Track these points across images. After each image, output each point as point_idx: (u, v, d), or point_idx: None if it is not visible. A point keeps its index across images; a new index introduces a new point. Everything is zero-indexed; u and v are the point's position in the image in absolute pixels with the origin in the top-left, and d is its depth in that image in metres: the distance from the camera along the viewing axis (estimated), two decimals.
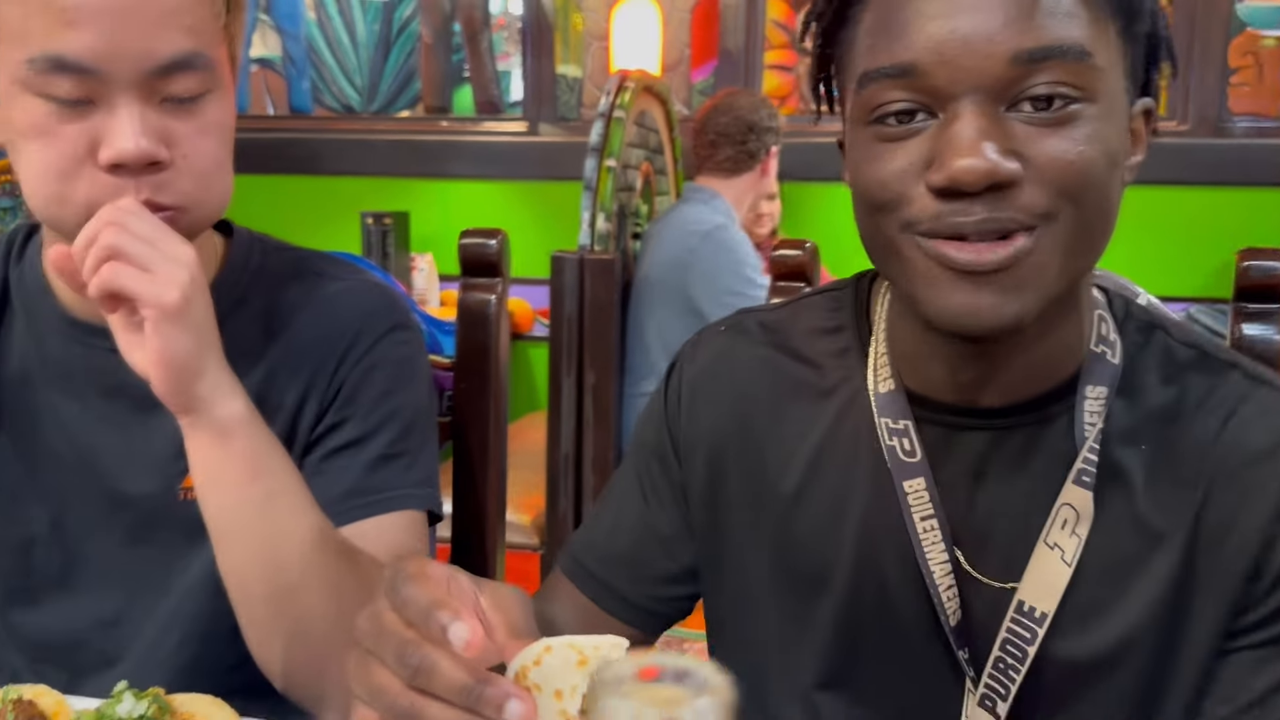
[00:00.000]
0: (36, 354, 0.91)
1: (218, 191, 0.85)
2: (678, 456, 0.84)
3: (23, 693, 0.72)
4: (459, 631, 0.49)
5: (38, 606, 0.92)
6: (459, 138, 3.58)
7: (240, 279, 0.93)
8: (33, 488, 0.91)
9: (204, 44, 0.81)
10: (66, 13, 0.75)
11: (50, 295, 0.91)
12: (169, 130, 0.80)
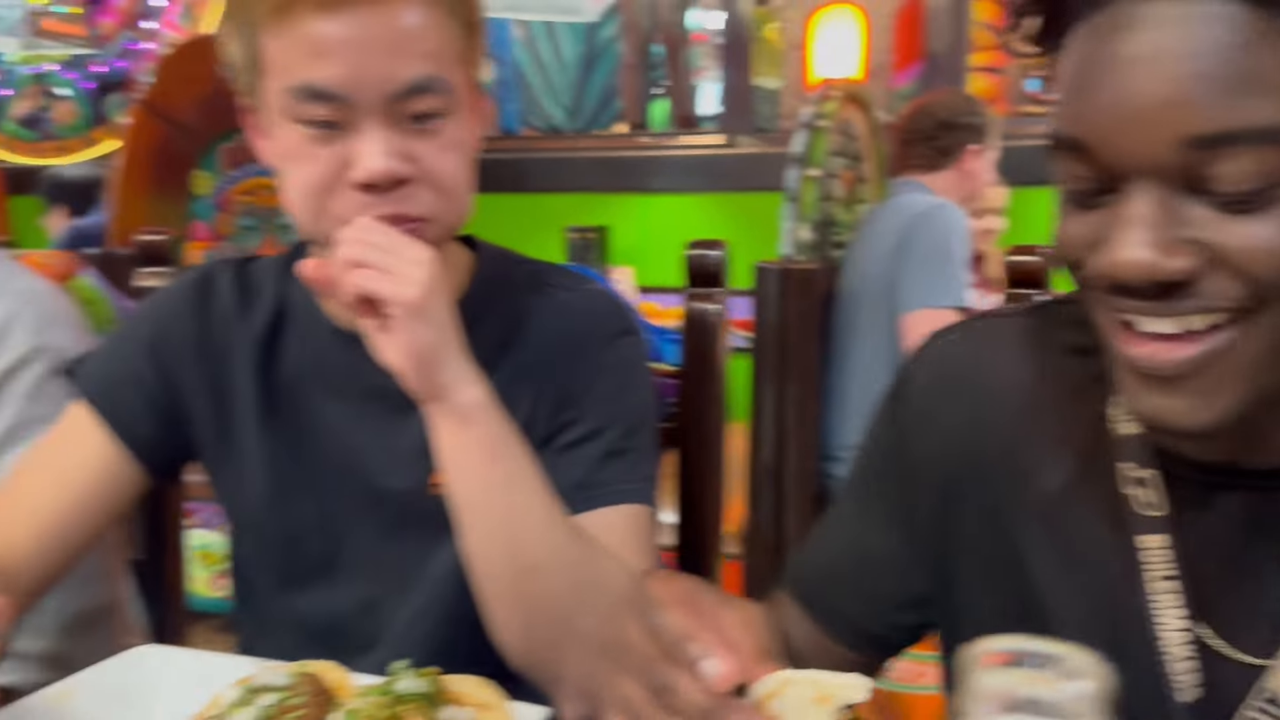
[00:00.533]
0: (308, 359, 0.99)
1: (459, 204, 0.91)
2: (907, 474, 0.79)
3: (309, 667, 0.79)
4: (711, 668, 0.50)
5: (305, 592, 1.00)
6: (658, 153, 3.65)
7: (485, 291, 0.99)
8: (303, 483, 0.98)
9: (442, 68, 0.86)
10: (316, 45, 0.83)
11: (318, 307, 0.99)
12: (411, 149, 0.86)
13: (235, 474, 1.00)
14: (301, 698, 0.75)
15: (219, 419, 1.00)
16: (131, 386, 0.99)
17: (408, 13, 0.85)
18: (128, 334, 1.02)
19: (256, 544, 1.02)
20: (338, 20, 0.83)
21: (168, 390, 0.99)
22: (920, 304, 2.33)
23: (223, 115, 3.18)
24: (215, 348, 1.00)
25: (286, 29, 0.84)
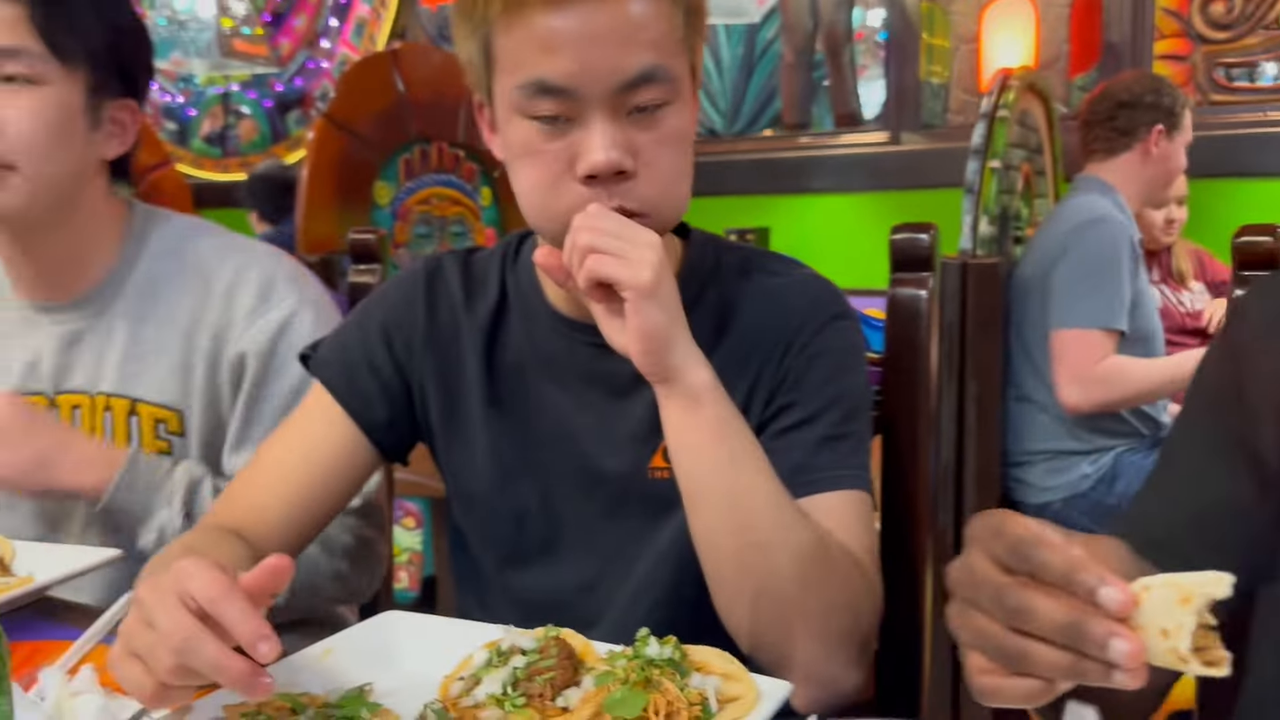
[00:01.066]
0: (529, 346, 1.02)
1: (678, 196, 0.92)
2: (1248, 409, 0.76)
3: (555, 632, 0.81)
4: (1110, 595, 0.49)
5: (528, 570, 1.03)
6: (819, 152, 3.62)
7: (697, 277, 1.00)
8: (526, 465, 1.02)
9: (664, 57, 0.87)
10: (546, 40, 0.85)
11: (540, 294, 1.02)
12: (633, 141, 0.87)
13: (462, 456, 1.04)
14: (550, 660, 0.77)
15: (447, 404, 1.04)
16: (366, 372, 1.04)
17: (634, 3, 0.86)
18: (362, 321, 1.07)
19: (482, 523, 1.06)
20: (566, 14, 0.84)
21: (400, 376, 1.04)
22: (1072, 322, 2.27)
23: (400, 128, 3.32)
24: (444, 335, 1.04)
25: (517, 26, 0.86)
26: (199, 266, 1.25)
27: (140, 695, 0.70)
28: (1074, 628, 0.49)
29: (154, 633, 0.69)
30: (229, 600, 0.68)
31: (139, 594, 0.72)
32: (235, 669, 0.66)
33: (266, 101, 4.57)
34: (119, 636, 0.72)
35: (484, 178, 3.41)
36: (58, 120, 1.16)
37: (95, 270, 1.24)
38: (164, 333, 1.23)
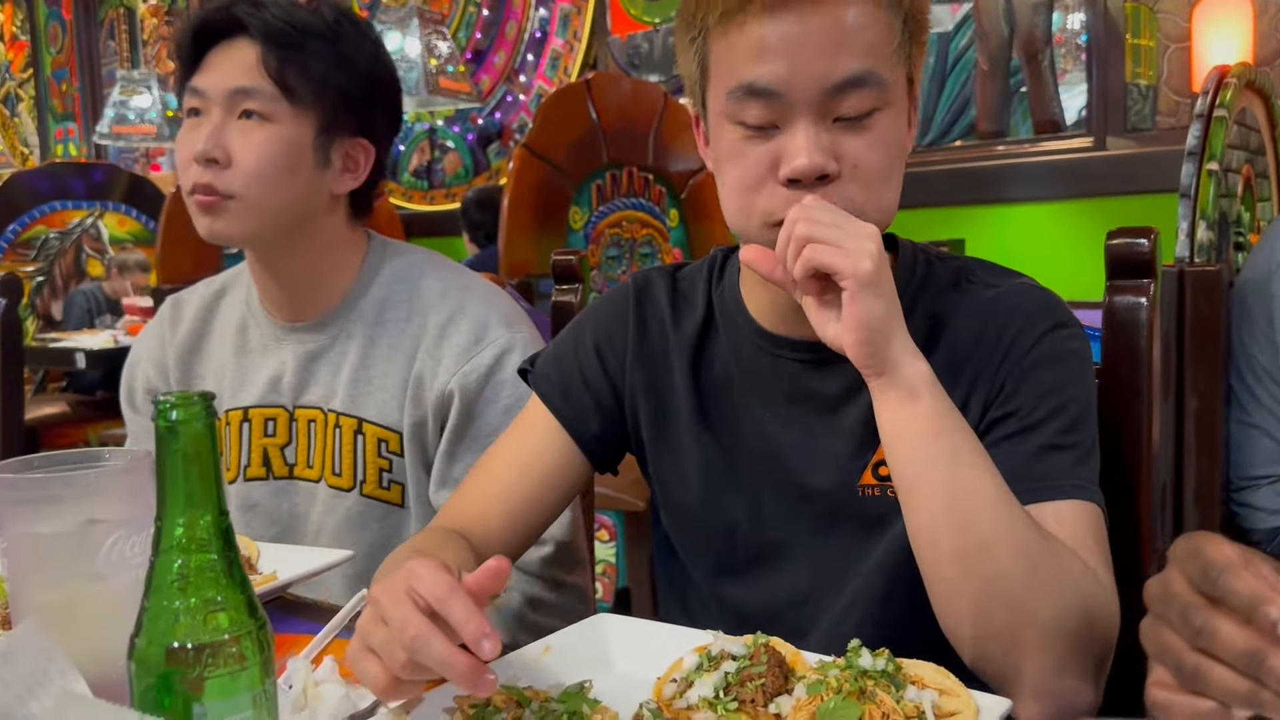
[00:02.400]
0: (735, 363, 1.04)
1: (883, 203, 0.91)
2: None
3: (764, 639, 0.82)
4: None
5: (738, 582, 1.04)
6: (1016, 160, 3.49)
7: (908, 289, 0.98)
8: (733, 480, 1.03)
9: (876, 64, 0.87)
10: (759, 45, 0.87)
11: (745, 312, 1.03)
12: (839, 146, 0.88)
13: (671, 469, 1.06)
14: (761, 667, 0.78)
15: (656, 417, 1.06)
16: (580, 387, 1.08)
17: (848, 9, 0.87)
18: (576, 338, 1.11)
19: (691, 534, 1.07)
20: (781, 19, 0.86)
21: (612, 390, 1.08)
22: None
23: (593, 155, 3.42)
24: (653, 351, 1.07)
25: (733, 32, 0.89)
26: (421, 300, 1.32)
27: (375, 688, 0.75)
28: (1254, 657, 0.48)
29: (387, 630, 0.73)
30: (454, 600, 0.72)
31: (374, 593, 0.77)
32: (461, 665, 0.70)
33: (469, 135, 4.80)
34: (356, 633, 0.78)
35: (672, 200, 3.47)
36: (283, 155, 1.25)
37: (334, 295, 1.34)
38: (389, 358, 1.31)
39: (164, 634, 0.59)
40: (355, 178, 1.33)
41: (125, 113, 4.78)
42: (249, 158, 1.24)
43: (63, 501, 0.75)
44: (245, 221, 1.26)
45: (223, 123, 1.25)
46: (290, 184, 1.27)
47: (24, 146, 6.94)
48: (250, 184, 1.24)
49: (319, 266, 1.33)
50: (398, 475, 1.32)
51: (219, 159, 1.23)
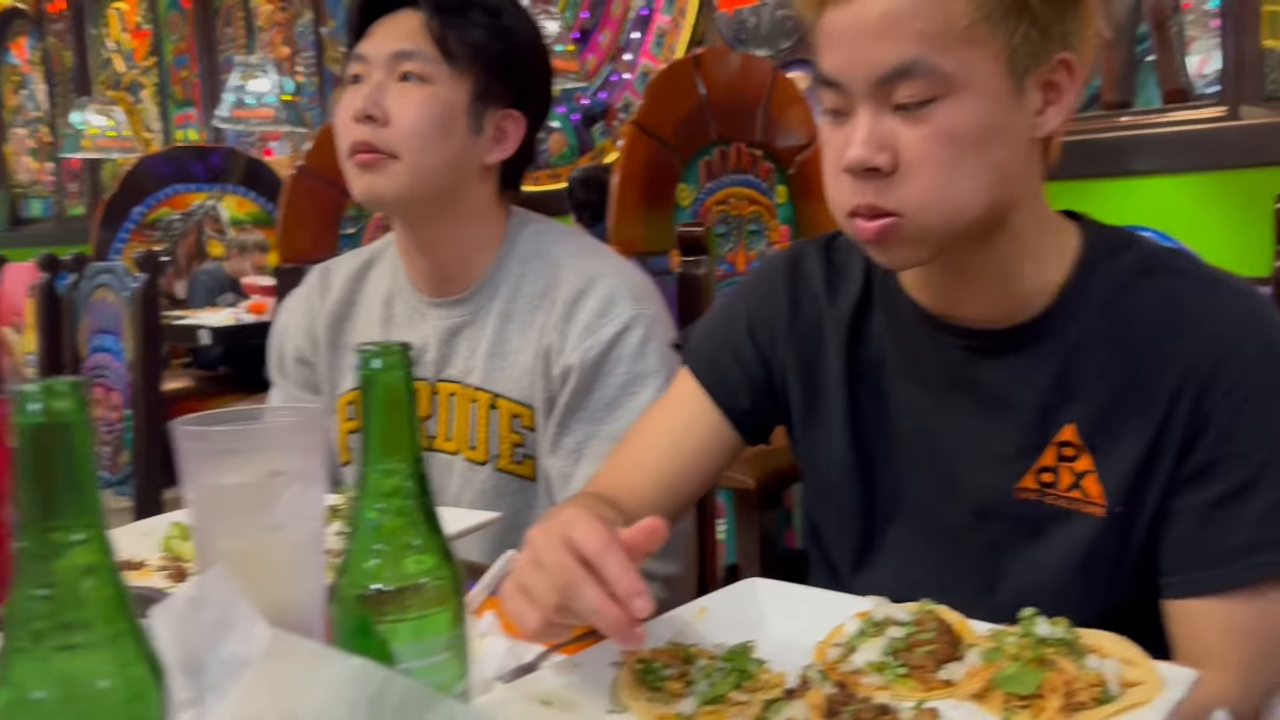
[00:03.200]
0: (892, 342, 1.00)
1: (948, 199, 0.85)
2: None
3: (930, 606, 0.80)
4: None
5: (883, 566, 1.02)
6: (1143, 131, 3.35)
7: (1089, 280, 0.92)
8: (883, 462, 1.01)
9: (933, 51, 0.82)
10: (828, 34, 0.86)
11: (905, 292, 0.99)
12: (897, 137, 0.84)
13: (819, 446, 1.04)
14: (929, 633, 0.77)
15: (807, 394, 1.05)
16: (732, 362, 1.07)
17: None
18: (726, 312, 1.11)
19: (836, 514, 1.06)
20: (842, 7, 0.85)
21: (763, 365, 1.06)
22: None
23: (701, 131, 3.40)
24: (806, 326, 1.04)
25: (815, 19, 0.88)
26: (552, 273, 1.33)
27: (524, 627, 0.76)
28: None
29: (541, 572, 0.74)
30: (609, 553, 0.72)
31: (531, 534, 0.78)
32: (612, 616, 0.71)
33: (573, 115, 4.83)
34: (513, 572, 0.79)
35: (779, 175, 3.44)
36: (441, 117, 1.28)
37: (477, 270, 1.36)
38: (522, 333, 1.33)
39: (364, 578, 0.60)
40: (504, 149, 1.35)
41: (244, 97, 4.93)
42: (407, 115, 1.27)
43: (246, 454, 0.77)
44: (401, 180, 1.28)
45: (383, 83, 1.28)
46: (445, 145, 1.29)
47: (147, 132, 7.22)
48: (407, 140, 1.27)
49: (465, 240, 1.35)
50: (530, 450, 1.34)
51: (377, 116, 1.26)
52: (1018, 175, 0.87)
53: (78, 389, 0.46)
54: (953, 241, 0.88)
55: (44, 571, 0.45)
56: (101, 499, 0.47)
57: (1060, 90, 0.87)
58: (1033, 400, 0.92)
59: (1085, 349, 0.90)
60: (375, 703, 0.53)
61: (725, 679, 0.74)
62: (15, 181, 8.78)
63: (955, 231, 0.87)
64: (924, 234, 0.86)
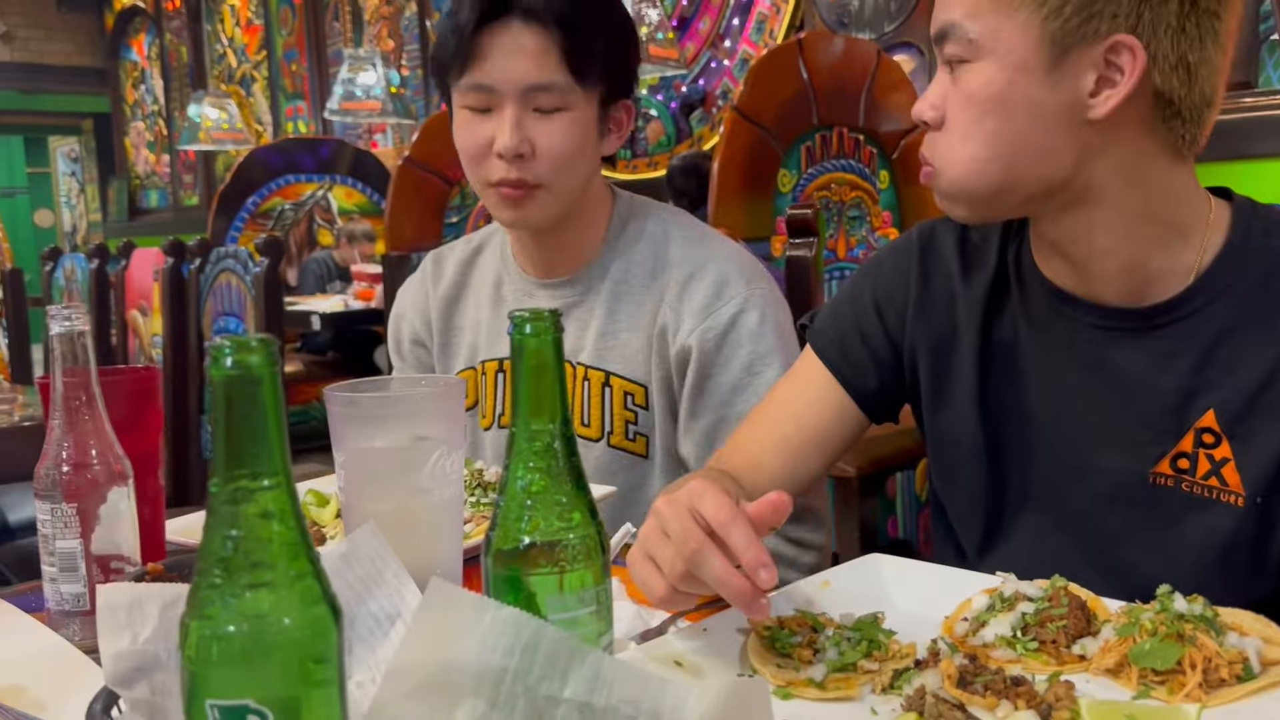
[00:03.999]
0: (1027, 323, 0.99)
1: (955, 157, 0.90)
2: None
3: (1061, 582, 0.80)
4: None
5: (1010, 552, 1.01)
6: (1268, 113, 3.22)
7: (1238, 255, 0.90)
8: (1012, 443, 1.00)
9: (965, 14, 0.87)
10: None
11: (1039, 273, 0.98)
12: (946, 95, 0.90)
13: (947, 427, 1.04)
14: (1062, 609, 0.77)
15: (937, 376, 1.04)
16: (858, 342, 1.07)
17: None
18: (854, 292, 1.10)
19: (962, 497, 1.05)
20: None
21: (891, 346, 1.06)
22: None
23: (803, 117, 3.38)
24: (937, 306, 1.04)
25: None
26: (663, 256, 1.35)
27: (651, 595, 0.78)
28: None
29: (668, 542, 0.75)
30: (736, 525, 0.73)
31: (657, 505, 0.79)
32: (738, 585, 0.72)
33: (671, 103, 4.84)
34: (639, 540, 0.80)
35: (882, 161, 3.40)
36: (580, 139, 1.28)
37: (585, 252, 1.38)
38: (633, 314, 1.35)
39: (515, 533, 0.63)
40: (619, 137, 1.37)
41: (353, 89, 5.06)
42: (554, 147, 1.26)
43: (393, 420, 0.81)
44: (549, 208, 1.30)
45: (520, 116, 1.25)
46: (585, 163, 1.31)
47: (258, 124, 7.47)
48: (557, 172, 1.27)
49: (578, 228, 1.37)
50: (643, 428, 1.35)
51: (525, 153, 1.26)
52: (1054, 151, 0.86)
53: (267, 345, 0.49)
54: (990, 205, 0.91)
55: (233, 515, 0.49)
56: (288, 449, 0.50)
57: (1121, 73, 0.84)
58: (1172, 384, 0.90)
59: (1232, 332, 0.87)
60: (527, 651, 0.56)
61: (855, 648, 0.75)
62: (134, 173, 9.18)
63: (979, 194, 0.90)
64: (952, 189, 0.91)
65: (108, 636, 0.66)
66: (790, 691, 0.72)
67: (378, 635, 0.75)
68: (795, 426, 1.07)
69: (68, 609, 0.89)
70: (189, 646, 0.48)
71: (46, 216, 11.66)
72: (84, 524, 0.88)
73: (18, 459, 1.86)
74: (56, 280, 4.11)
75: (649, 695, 0.56)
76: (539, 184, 1.28)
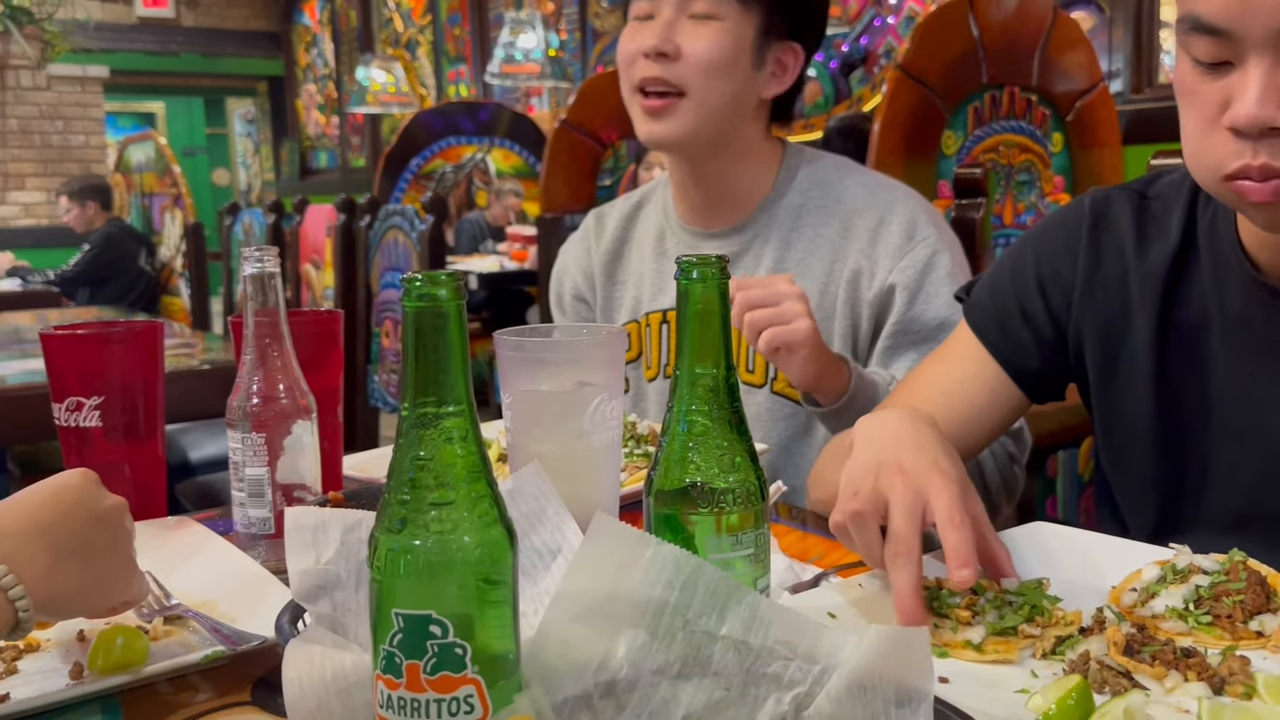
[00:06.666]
0: (1215, 303, 0.92)
1: None
2: None
3: (1239, 556, 0.76)
4: None
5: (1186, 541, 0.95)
6: None
7: None
8: (1193, 432, 0.93)
9: None
10: None
11: (1239, 248, 0.90)
12: None
13: (1119, 412, 0.98)
14: (1239, 583, 0.73)
15: (1107, 358, 0.98)
16: (1019, 321, 1.02)
17: None
18: (1016, 265, 1.04)
19: (1135, 487, 1.00)
20: None
21: (1055, 326, 1.01)
22: None
23: (971, 76, 3.26)
24: (1108, 283, 0.98)
25: None
26: (844, 202, 1.34)
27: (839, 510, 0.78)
28: None
29: (874, 514, 0.76)
30: (961, 532, 0.73)
31: (887, 459, 0.78)
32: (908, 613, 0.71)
33: (832, 63, 4.75)
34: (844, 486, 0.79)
35: (1056, 122, 3.25)
36: (730, 51, 1.30)
37: (750, 201, 1.39)
38: (803, 261, 1.34)
39: (678, 474, 0.64)
40: (781, 83, 1.36)
41: (513, 53, 5.17)
42: (698, 50, 1.30)
43: (558, 365, 0.83)
44: (689, 119, 1.32)
45: (673, 20, 1.31)
46: (730, 81, 1.32)
47: (421, 87, 7.71)
48: (698, 76, 1.30)
49: (738, 172, 1.38)
50: None
51: (669, 53, 1.29)
52: None
53: (454, 280, 0.52)
54: None
55: (420, 438, 0.52)
56: (470, 379, 0.53)
57: None
58: None
59: None
60: (687, 587, 0.57)
61: (1016, 612, 0.73)
62: (305, 134, 9.62)
63: None
64: None
65: (294, 555, 0.71)
66: (947, 652, 0.71)
67: (539, 569, 0.78)
68: (944, 402, 1.02)
69: (255, 532, 0.95)
70: (378, 559, 0.51)
71: (224, 176, 12.36)
72: (271, 453, 0.94)
73: (199, 399, 2.01)
74: (235, 234, 4.36)
75: (805, 638, 0.57)
76: (679, 87, 1.30)
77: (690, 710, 0.56)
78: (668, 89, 1.30)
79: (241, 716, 0.69)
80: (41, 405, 1.03)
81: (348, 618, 0.68)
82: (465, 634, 0.51)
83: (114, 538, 0.72)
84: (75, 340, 1.00)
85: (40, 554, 0.66)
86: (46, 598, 0.66)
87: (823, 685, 0.56)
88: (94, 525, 0.70)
